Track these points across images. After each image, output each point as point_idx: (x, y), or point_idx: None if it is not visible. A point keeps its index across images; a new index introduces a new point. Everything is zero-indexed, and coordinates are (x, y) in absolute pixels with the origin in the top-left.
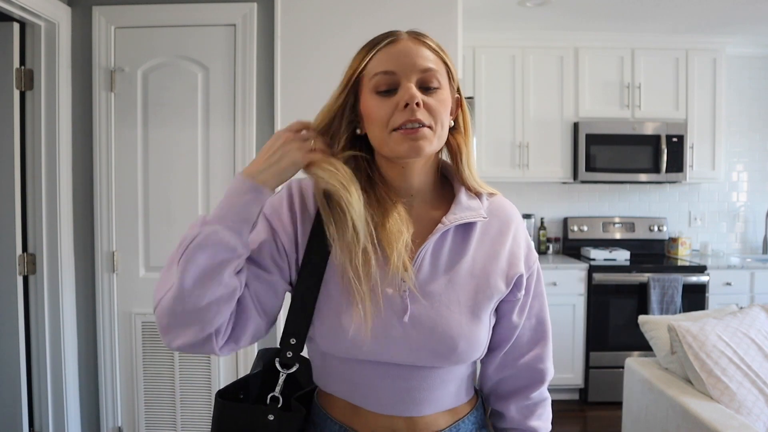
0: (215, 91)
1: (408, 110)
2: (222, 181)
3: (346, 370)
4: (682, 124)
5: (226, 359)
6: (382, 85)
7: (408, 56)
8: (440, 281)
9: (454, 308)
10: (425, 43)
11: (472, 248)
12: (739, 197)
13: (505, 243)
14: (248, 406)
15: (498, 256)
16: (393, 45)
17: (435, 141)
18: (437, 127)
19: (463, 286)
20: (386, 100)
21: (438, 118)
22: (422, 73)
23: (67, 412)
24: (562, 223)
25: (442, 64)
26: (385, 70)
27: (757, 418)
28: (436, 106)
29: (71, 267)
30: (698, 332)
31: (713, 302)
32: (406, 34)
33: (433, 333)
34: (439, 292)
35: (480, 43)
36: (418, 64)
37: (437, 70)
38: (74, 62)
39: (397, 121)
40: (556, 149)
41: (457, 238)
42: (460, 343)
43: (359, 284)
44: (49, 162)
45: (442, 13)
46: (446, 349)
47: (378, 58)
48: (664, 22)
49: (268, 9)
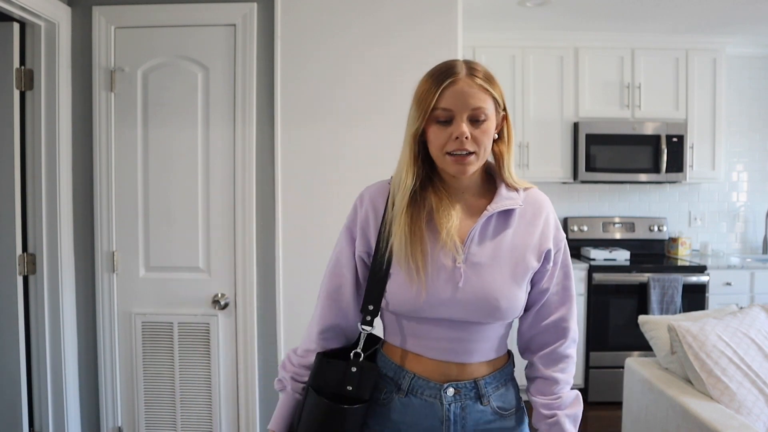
0: (215, 91)
1: (458, 141)
2: (222, 181)
3: (414, 326)
4: (682, 124)
5: (226, 359)
6: (442, 117)
7: (462, 96)
8: (487, 254)
9: (497, 276)
10: (477, 82)
11: (512, 229)
12: (739, 197)
13: (537, 225)
14: (338, 361)
15: (532, 235)
16: (453, 85)
17: (477, 163)
18: (480, 151)
19: (505, 259)
20: (444, 130)
21: (482, 145)
22: (472, 111)
23: (67, 412)
24: (562, 223)
25: (489, 99)
26: (444, 107)
27: (757, 418)
28: (480, 137)
29: (71, 267)
30: (698, 332)
31: (713, 302)
32: (464, 72)
33: (481, 295)
34: (486, 263)
35: (480, 43)
36: (469, 104)
37: (484, 106)
38: (74, 62)
39: (450, 148)
40: (556, 149)
41: (500, 221)
42: (502, 302)
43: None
44: (49, 162)
45: (442, 13)
46: (492, 307)
47: (443, 96)
48: (664, 22)
49: (268, 9)
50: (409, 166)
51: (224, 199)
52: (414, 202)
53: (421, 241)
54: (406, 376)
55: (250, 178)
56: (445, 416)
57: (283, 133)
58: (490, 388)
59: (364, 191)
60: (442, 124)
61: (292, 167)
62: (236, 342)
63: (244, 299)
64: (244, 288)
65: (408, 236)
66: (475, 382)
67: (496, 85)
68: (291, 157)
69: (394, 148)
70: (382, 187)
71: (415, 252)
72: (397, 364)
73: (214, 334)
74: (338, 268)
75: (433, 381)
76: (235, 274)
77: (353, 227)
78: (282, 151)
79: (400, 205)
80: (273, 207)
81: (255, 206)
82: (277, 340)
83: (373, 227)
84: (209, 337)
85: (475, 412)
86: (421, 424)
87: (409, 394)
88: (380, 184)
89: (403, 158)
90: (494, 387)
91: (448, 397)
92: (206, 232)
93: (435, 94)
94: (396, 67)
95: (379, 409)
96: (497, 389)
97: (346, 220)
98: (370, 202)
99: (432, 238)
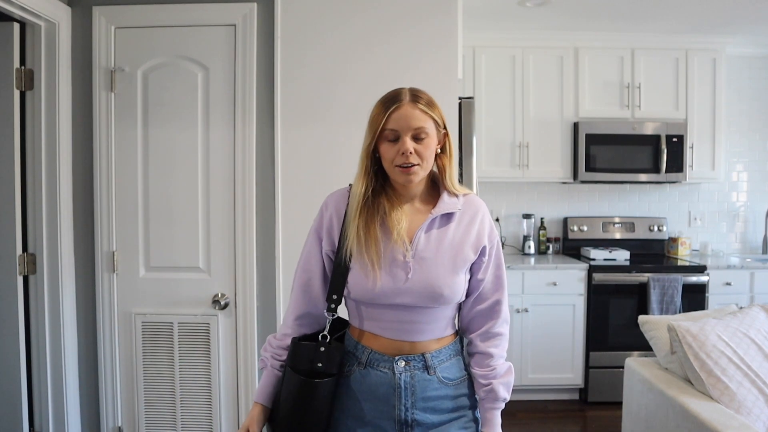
0: (215, 91)
1: (404, 156)
2: (222, 180)
3: (371, 311)
4: (682, 124)
5: (226, 359)
6: (390, 137)
7: (406, 119)
8: (431, 250)
9: (440, 268)
10: (418, 107)
11: (452, 229)
12: (739, 197)
13: (474, 224)
14: (308, 343)
15: (469, 233)
16: (398, 110)
17: (422, 172)
18: (424, 163)
19: (446, 253)
20: (393, 146)
21: (424, 158)
22: (415, 130)
23: (67, 412)
24: (562, 223)
25: (430, 120)
26: (391, 129)
27: (757, 418)
28: (423, 151)
29: (71, 267)
30: (698, 332)
31: (713, 302)
32: (408, 98)
33: (426, 284)
34: (431, 258)
35: (480, 43)
36: (412, 125)
37: (425, 126)
38: (74, 62)
39: (398, 161)
40: (556, 149)
41: (442, 222)
42: (445, 290)
43: (371, 259)
44: (49, 162)
45: (442, 13)
46: (436, 294)
47: (389, 118)
48: (664, 22)
49: (268, 9)
50: (362, 177)
51: (224, 199)
52: (368, 208)
53: (375, 241)
54: (364, 351)
55: (250, 178)
56: (397, 384)
57: (283, 133)
58: (436, 360)
59: (329, 198)
60: (391, 142)
61: (292, 167)
62: (236, 342)
63: (244, 299)
64: (244, 288)
65: (363, 236)
66: (423, 355)
67: (436, 108)
68: (291, 157)
69: None
70: (343, 194)
71: (369, 249)
72: (357, 341)
73: (214, 334)
74: (308, 264)
75: (387, 355)
76: (235, 274)
77: (320, 229)
78: (282, 151)
79: (353, 211)
80: (273, 207)
81: (255, 206)
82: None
83: (337, 228)
84: (209, 337)
85: (422, 380)
86: (377, 391)
87: (367, 367)
88: (342, 191)
89: (359, 170)
90: (440, 360)
91: (399, 368)
92: (206, 232)
93: (383, 117)
94: (396, 66)
95: (343, 380)
96: (443, 362)
97: (313, 223)
98: (333, 208)
99: (385, 238)
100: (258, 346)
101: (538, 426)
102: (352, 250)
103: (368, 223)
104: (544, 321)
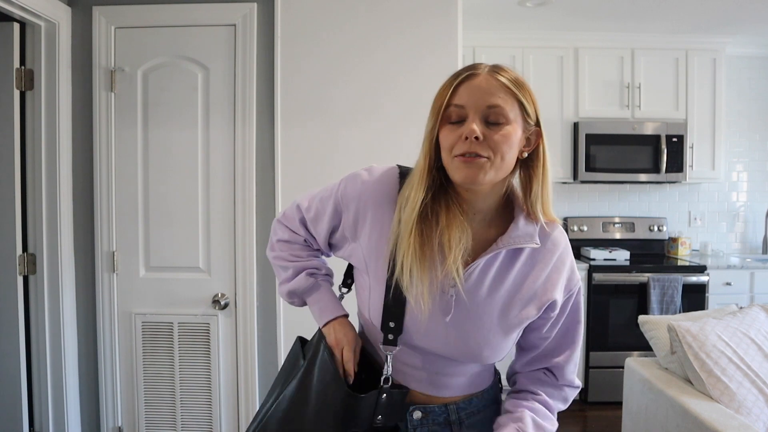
0: (215, 91)
1: (468, 142)
2: (222, 181)
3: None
4: (682, 124)
5: (226, 359)
6: (453, 116)
7: (479, 92)
8: (482, 294)
9: (487, 320)
10: (499, 80)
11: (516, 270)
12: (739, 197)
13: (545, 269)
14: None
15: (536, 280)
16: (470, 80)
17: (491, 171)
18: (496, 159)
19: (500, 304)
20: (455, 130)
21: (498, 151)
22: (489, 109)
23: (67, 412)
24: (562, 223)
25: (513, 101)
26: (456, 104)
27: (757, 418)
28: (497, 140)
29: (71, 267)
30: (698, 332)
31: (713, 302)
32: (486, 69)
33: (464, 337)
34: (479, 304)
35: (480, 43)
36: (486, 100)
37: (503, 106)
38: (74, 62)
39: (458, 150)
40: (555, 149)
41: (506, 259)
42: (485, 350)
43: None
44: (49, 162)
45: (442, 12)
46: (472, 353)
47: (457, 91)
48: (664, 22)
49: (268, 9)
50: (422, 177)
51: (224, 199)
52: (424, 218)
53: (431, 265)
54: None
55: (250, 178)
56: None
57: (283, 133)
58: (463, 413)
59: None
60: (454, 124)
61: (292, 167)
62: (236, 342)
63: (244, 299)
64: (244, 288)
65: (417, 257)
66: (445, 406)
67: (527, 91)
68: (291, 156)
69: (393, 147)
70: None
71: (423, 276)
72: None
73: (214, 334)
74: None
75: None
76: (235, 274)
77: (344, 219)
78: (282, 151)
79: (408, 224)
80: (273, 207)
81: (255, 206)
82: (277, 340)
83: (376, 235)
84: (209, 337)
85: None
86: None
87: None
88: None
89: (417, 167)
90: (469, 412)
91: (413, 421)
92: (206, 232)
93: (449, 89)
94: (396, 67)
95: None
96: (473, 415)
97: (331, 193)
98: (372, 203)
99: (438, 260)
100: (258, 346)
101: None
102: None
103: (424, 242)
104: None
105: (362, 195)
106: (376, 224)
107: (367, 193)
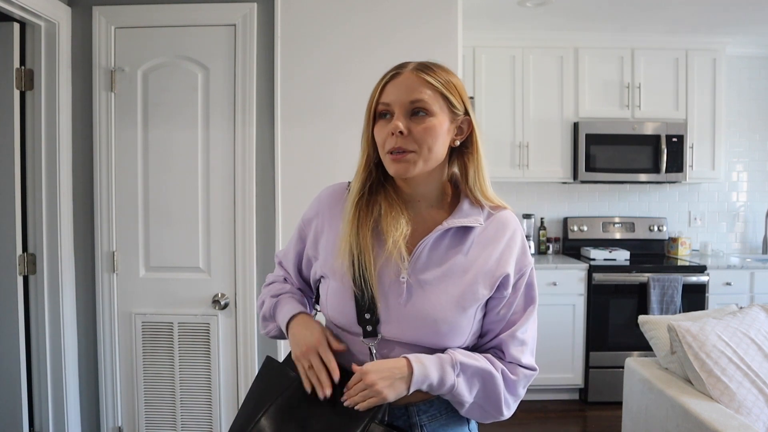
0: (215, 91)
1: (394, 138)
2: (222, 180)
3: (346, 339)
4: (682, 124)
5: (226, 359)
6: (381, 111)
7: (402, 89)
8: (435, 273)
9: (444, 298)
10: (421, 76)
11: (467, 249)
12: (739, 197)
13: (496, 247)
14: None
15: (488, 259)
16: (395, 78)
17: (420, 163)
18: (423, 150)
19: (454, 281)
20: (385, 126)
21: (424, 143)
22: (412, 104)
23: (67, 412)
24: (562, 223)
25: (435, 94)
26: (383, 101)
27: (757, 418)
28: (421, 134)
29: (71, 267)
30: (698, 332)
31: (713, 302)
32: (411, 66)
33: (422, 315)
34: (433, 282)
35: (480, 43)
36: (409, 96)
37: (424, 99)
38: (74, 62)
39: (388, 146)
40: (556, 149)
41: (455, 239)
42: (443, 326)
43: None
44: (49, 162)
45: (442, 12)
46: (431, 330)
47: (384, 90)
48: (664, 22)
49: (268, 9)
50: (360, 170)
51: (224, 199)
52: (364, 208)
53: (379, 251)
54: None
55: (250, 178)
56: None
57: (283, 133)
58: (425, 416)
59: (323, 192)
60: (385, 120)
61: (292, 167)
62: (236, 342)
63: (244, 299)
64: (244, 288)
65: (363, 246)
66: (406, 408)
67: (452, 85)
68: (291, 157)
69: None
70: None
71: (373, 261)
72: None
73: (214, 334)
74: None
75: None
76: (235, 274)
77: (306, 229)
78: (282, 151)
79: (346, 212)
80: (273, 207)
81: (255, 206)
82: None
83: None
84: (209, 337)
85: None
86: None
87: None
88: (339, 187)
89: (358, 164)
90: (430, 416)
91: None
92: (206, 232)
93: (378, 89)
94: None
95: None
96: (435, 418)
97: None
98: (327, 206)
99: (377, 247)
100: (258, 346)
101: (538, 426)
102: (362, 265)
103: (359, 227)
104: (544, 321)
105: (319, 210)
106: (333, 228)
107: (323, 205)
